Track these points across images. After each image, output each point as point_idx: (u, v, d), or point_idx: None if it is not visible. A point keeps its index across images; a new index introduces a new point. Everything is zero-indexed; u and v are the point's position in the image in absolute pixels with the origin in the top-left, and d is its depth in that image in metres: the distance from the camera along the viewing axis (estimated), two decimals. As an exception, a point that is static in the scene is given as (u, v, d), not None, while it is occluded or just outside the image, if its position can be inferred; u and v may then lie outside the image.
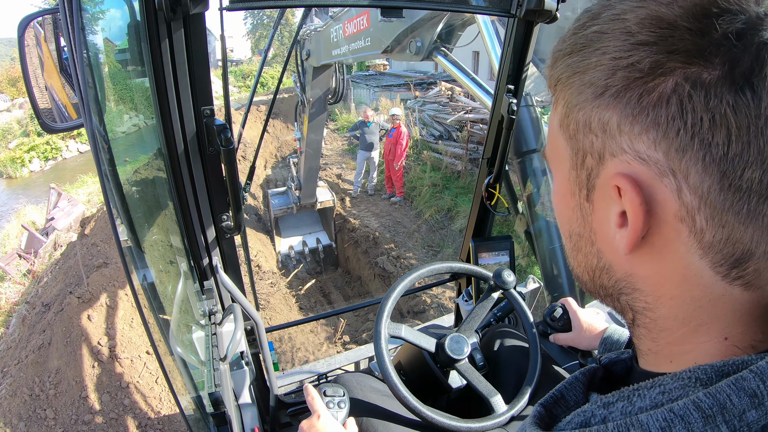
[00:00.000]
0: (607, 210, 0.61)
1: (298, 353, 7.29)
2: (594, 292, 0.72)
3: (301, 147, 10.87)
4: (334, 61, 7.84)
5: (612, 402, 0.59)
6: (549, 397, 0.73)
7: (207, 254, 2.19)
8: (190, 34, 1.66)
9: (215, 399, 1.72)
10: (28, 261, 10.79)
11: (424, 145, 15.67)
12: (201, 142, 1.89)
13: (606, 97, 0.56)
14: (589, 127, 0.59)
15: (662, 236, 0.57)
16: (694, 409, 0.50)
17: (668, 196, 0.54)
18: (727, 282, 0.56)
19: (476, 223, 3.11)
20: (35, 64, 1.84)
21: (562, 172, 0.68)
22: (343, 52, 6.93)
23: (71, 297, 5.87)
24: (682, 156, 0.51)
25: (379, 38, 5.76)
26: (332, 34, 7.15)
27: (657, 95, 0.52)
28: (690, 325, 0.60)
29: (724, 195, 0.51)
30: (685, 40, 0.50)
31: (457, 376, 2.17)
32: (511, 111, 2.43)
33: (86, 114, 1.23)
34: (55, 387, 5.07)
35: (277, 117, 21.07)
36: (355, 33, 6.36)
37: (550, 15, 2.21)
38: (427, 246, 11.66)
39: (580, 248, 0.69)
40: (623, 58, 0.54)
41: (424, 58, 5.24)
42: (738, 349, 0.58)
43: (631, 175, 0.55)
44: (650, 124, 0.53)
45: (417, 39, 5.19)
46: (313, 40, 8.06)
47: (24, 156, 24.16)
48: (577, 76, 0.59)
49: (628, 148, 0.55)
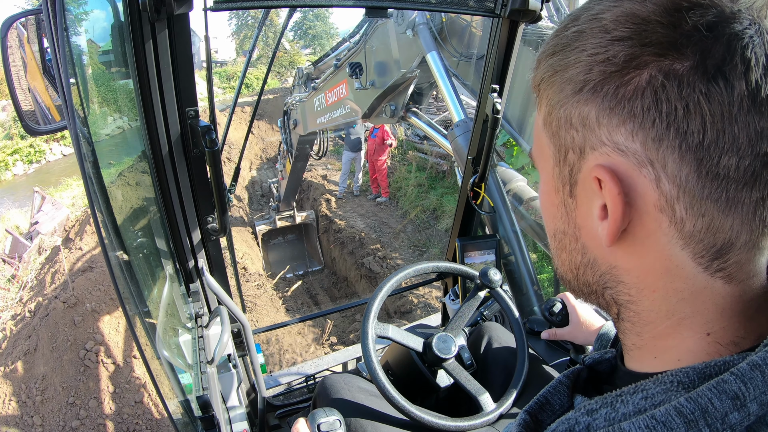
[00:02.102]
0: (589, 204, 0.62)
1: (286, 355, 7.27)
2: (578, 291, 0.72)
3: (282, 176, 12.18)
4: (319, 128, 8.57)
5: (596, 409, 0.60)
6: (534, 403, 0.73)
7: (192, 257, 2.18)
8: (174, 35, 1.66)
9: (203, 402, 1.71)
10: (13, 266, 10.67)
11: (410, 146, 15.66)
12: (185, 143, 1.89)
13: (585, 92, 0.57)
14: (570, 123, 0.60)
15: (644, 227, 0.58)
16: (675, 415, 0.50)
17: (647, 186, 0.55)
18: (708, 274, 0.57)
19: (462, 223, 3.12)
20: (18, 65, 1.82)
21: (547, 171, 0.69)
22: (327, 120, 7.63)
23: (57, 302, 5.82)
24: (659, 145, 0.53)
25: (358, 105, 6.42)
26: (315, 103, 7.84)
27: (633, 87, 0.53)
28: (673, 318, 0.61)
29: (702, 183, 0.52)
30: (658, 33, 0.52)
31: (445, 375, 2.17)
32: (495, 110, 2.45)
33: (69, 116, 1.22)
34: (41, 393, 5.03)
35: (262, 118, 20.99)
36: (336, 102, 7.03)
37: (535, 15, 2.23)
38: (413, 246, 11.66)
39: (565, 246, 0.70)
40: (600, 54, 0.55)
41: (398, 119, 5.95)
42: (720, 345, 0.58)
43: (610, 166, 0.57)
44: (627, 116, 0.54)
45: (391, 103, 5.89)
46: (298, 109, 8.83)
47: (7, 159, 23.90)
48: (558, 74, 0.61)
49: (607, 140, 0.57)
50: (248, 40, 50.85)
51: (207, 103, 1.97)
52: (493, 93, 2.47)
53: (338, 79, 6.79)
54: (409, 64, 5.29)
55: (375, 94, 5.87)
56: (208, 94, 1.96)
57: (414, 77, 5.43)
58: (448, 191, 13.08)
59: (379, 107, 6.03)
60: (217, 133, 1.89)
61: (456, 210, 3.19)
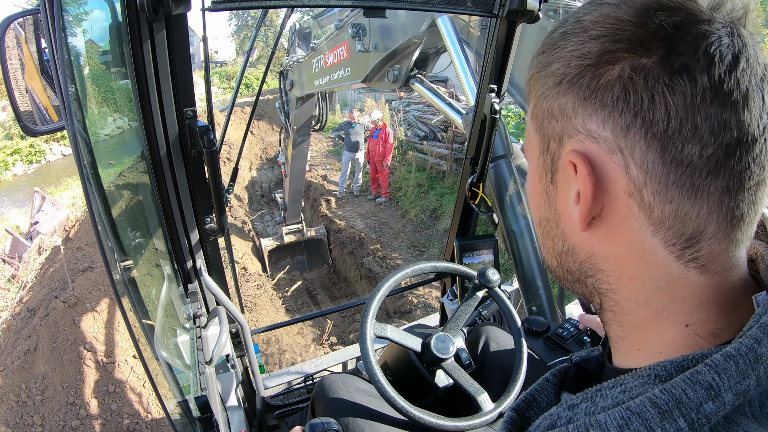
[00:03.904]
0: (567, 189, 0.66)
1: (285, 355, 7.27)
2: (563, 279, 0.75)
3: (285, 171, 11.33)
4: (316, 91, 8.18)
5: (577, 404, 0.62)
6: (521, 401, 0.76)
7: (191, 257, 2.18)
8: (172, 35, 1.66)
9: (202, 403, 1.71)
10: (13, 266, 10.66)
11: (409, 146, 15.66)
12: (183, 143, 1.89)
13: (563, 84, 0.63)
14: (552, 113, 0.65)
15: (616, 212, 0.61)
16: (650, 406, 0.51)
17: (617, 172, 0.59)
18: (682, 263, 0.60)
19: (460, 223, 3.12)
20: (16, 66, 1.82)
21: (533, 161, 0.74)
22: (324, 82, 7.25)
23: (57, 302, 5.82)
24: (627, 133, 0.57)
25: (358, 68, 6.13)
26: (314, 65, 7.48)
27: (605, 80, 0.58)
28: (651, 308, 0.63)
29: (667, 169, 0.56)
30: (628, 31, 0.57)
31: (444, 375, 2.17)
32: (493, 110, 2.45)
33: (67, 116, 1.22)
34: (41, 393, 5.03)
35: (262, 118, 20.98)
36: (336, 63, 6.71)
37: (533, 15, 2.23)
38: (412, 246, 11.67)
39: (548, 233, 0.74)
40: (577, 50, 0.61)
41: (401, 85, 5.58)
42: (699, 337, 0.60)
43: (583, 151, 0.62)
44: (599, 105, 0.59)
45: (394, 68, 5.53)
46: (295, 71, 8.42)
47: (7, 159, 23.90)
48: (543, 70, 0.66)
49: (582, 128, 0.62)
50: (248, 40, 50.70)
51: (206, 103, 1.98)
52: (491, 93, 2.47)
53: (339, 41, 6.57)
54: (416, 29, 5.08)
55: (377, 57, 5.67)
56: (206, 94, 1.96)
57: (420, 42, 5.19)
58: (448, 191, 13.10)
59: (380, 72, 5.82)
60: (215, 133, 1.89)
61: (454, 210, 3.19)
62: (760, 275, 0.65)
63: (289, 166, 10.86)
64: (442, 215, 12.28)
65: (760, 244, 0.69)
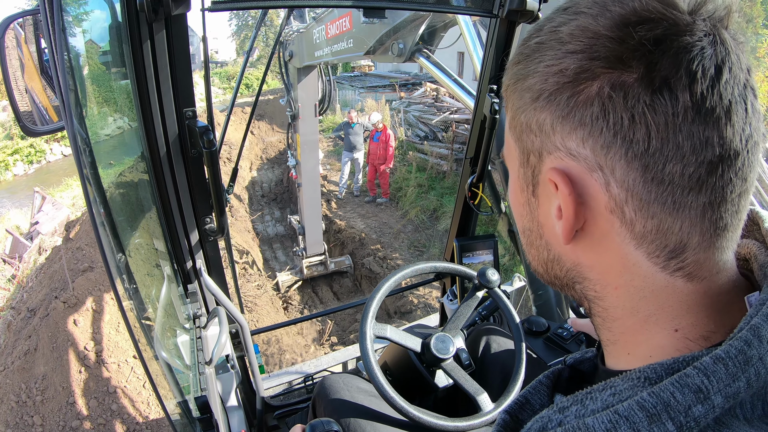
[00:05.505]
0: (548, 204, 0.66)
1: (286, 355, 7.27)
2: (551, 283, 0.75)
3: (297, 176, 9.78)
4: (316, 62, 7.85)
5: (567, 406, 0.61)
6: (514, 403, 0.75)
7: (190, 257, 2.18)
8: (171, 36, 1.66)
9: (202, 403, 1.71)
10: (13, 266, 10.67)
11: (410, 146, 15.66)
12: (183, 144, 1.89)
13: (541, 100, 0.61)
14: (530, 128, 0.64)
15: (598, 227, 0.61)
16: (638, 409, 0.51)
17: (598, 189, 0.59)
18: (667, 273, 0.60)
19: (460, 223, 3.12)
20: (15, 66, 1.82)
21: (514, 170, 0.73)
22: (325, 54, 6.98)
23: (57, 302, 5.82)
24: (607, 152, 0.57)
25: (362, 40, 5.85)
26: (315, 35, 7.18)
27: (584, 97, 0.57)
28: (638, 315, 0.63)
29: (648, 187, 0.56)
30: (606, 47, 0.55)
31: (444, 375, 2.17)
32: (493, 111, 2.45)
33: (67, 116, 1.23)
34: (42, 393, 5.03)
35: (263, 119, 20.97)
36: (338, 34, 6.44)
37: (532, 15, 2.23)
38: (412, 246, 11.67)
39: (532, 242, 0.74)
40: (554, 65, 0.59)
41: (406, 59, 5.34)
42: (689, 341, 0.60)
43: (563, 169, 0.61)
44: (578, 124, 0.58)
45: (399, 41, 5.30)
46: (295, 41, 8.04)
47: (8, 159, 23.91)
48: (520, 82, 0.65)
49: (561, 146, 0.61)
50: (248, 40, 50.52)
51: (206, 103, 1.98)
52: (491, 93, 2.48)
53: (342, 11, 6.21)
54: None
55: (382, 29, 5.44)
56: (205, 94, 1.96)
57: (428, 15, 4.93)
58: (448, 192, 13.11)
59: (385, 45, 5.55)
60: (215, 133, 1.89)
61: (454, 210, 3.19)
62: (753, 275, 0.65)
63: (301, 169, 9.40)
64: (443, 215, 12.29)
65: (753, 243, 0.69)
